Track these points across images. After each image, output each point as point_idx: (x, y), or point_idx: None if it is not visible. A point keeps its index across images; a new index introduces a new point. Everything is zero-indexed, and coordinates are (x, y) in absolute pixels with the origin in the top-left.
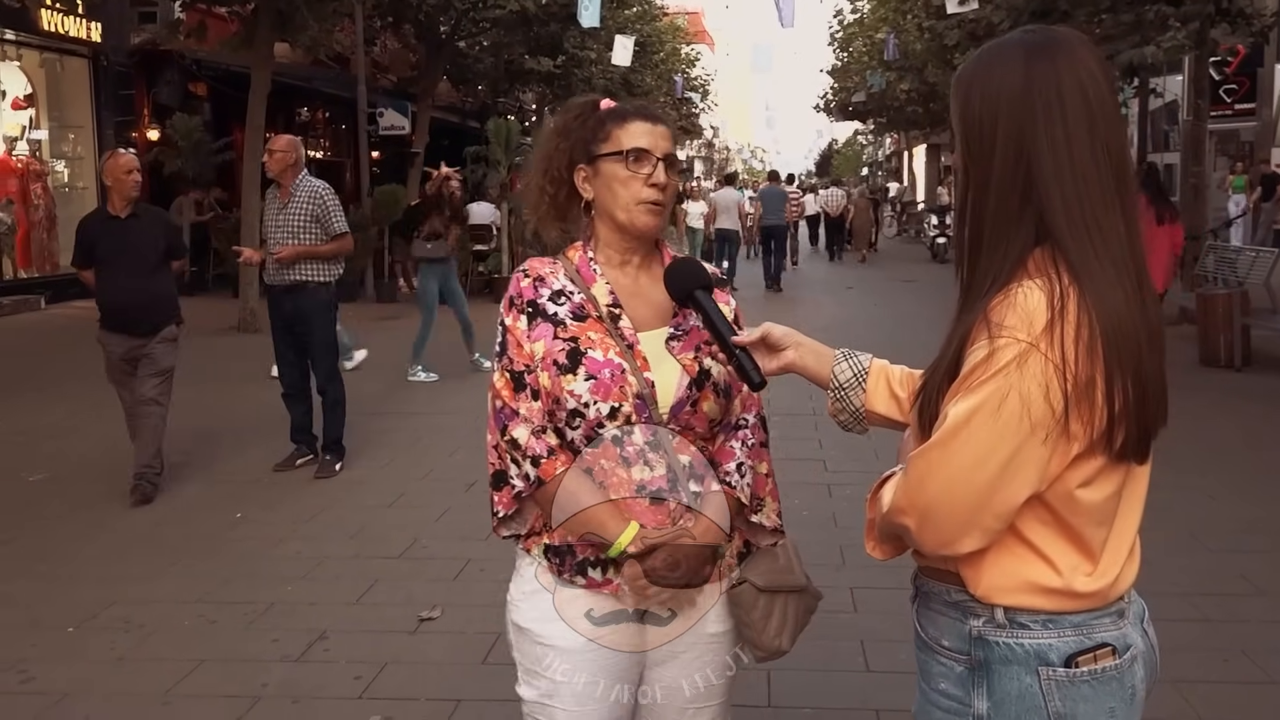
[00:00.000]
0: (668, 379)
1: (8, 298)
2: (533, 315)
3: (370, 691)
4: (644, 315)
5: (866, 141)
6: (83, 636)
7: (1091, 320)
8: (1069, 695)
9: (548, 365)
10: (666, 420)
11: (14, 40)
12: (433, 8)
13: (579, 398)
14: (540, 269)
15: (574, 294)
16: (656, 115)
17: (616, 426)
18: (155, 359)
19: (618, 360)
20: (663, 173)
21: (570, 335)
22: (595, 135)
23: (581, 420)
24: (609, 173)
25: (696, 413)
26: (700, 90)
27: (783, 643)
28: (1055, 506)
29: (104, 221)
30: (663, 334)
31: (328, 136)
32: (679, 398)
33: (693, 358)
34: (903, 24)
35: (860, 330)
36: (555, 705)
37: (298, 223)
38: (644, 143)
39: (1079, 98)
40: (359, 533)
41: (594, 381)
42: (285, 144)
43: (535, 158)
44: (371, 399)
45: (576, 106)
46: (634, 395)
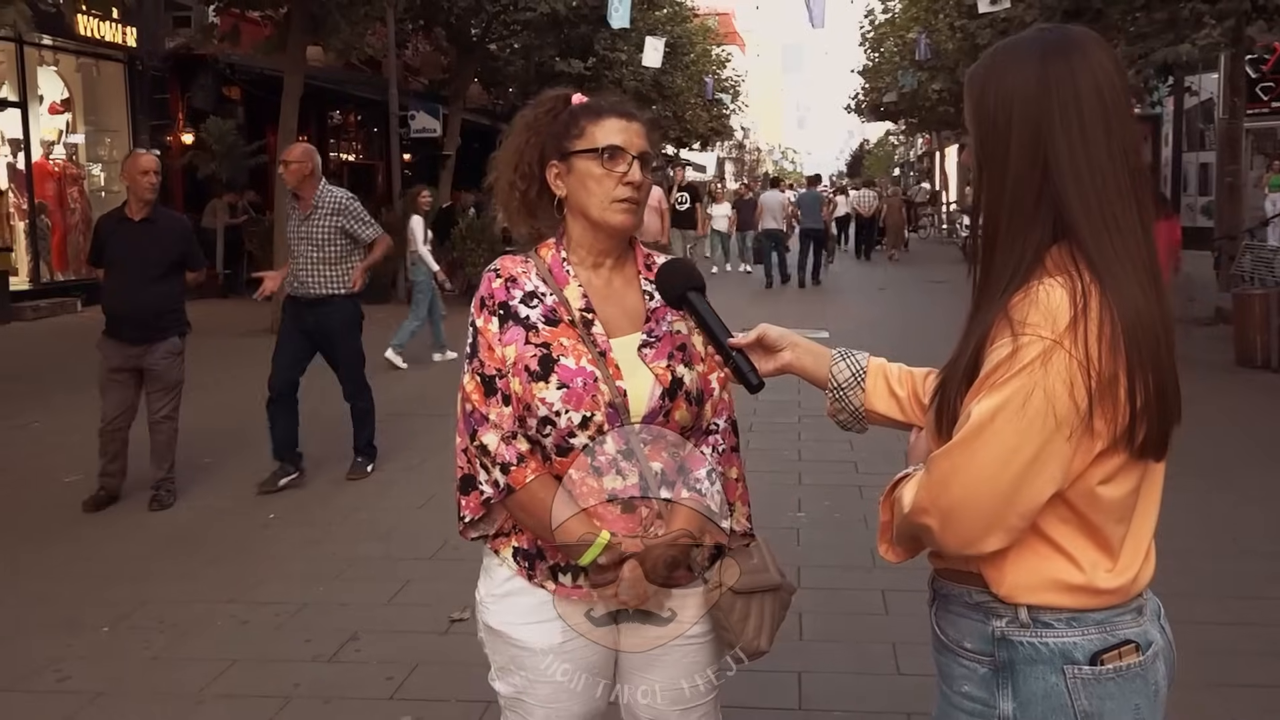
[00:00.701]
0: (640, 388)
1: (45, 300)
2: (504, 318)
3: (401, 692)
4: (616, 319)
5: (898, 142)
6: (117, 636)
7: (1113, 317)
8: (1095, 693)
9: (519, 371)
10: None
11: (51, 45)
12: (464, 10)
13: (550, 406)
14: (512, 269)
15: (546, 296)
16: (631, 112)
17: (588, 436)
18: (160, 375)
19: (590, 369)
20: (637, 170)
21: (542, 341)
22: (568, 131)
23: (552, 428)
24: (583, 170)
25: (669, 421)
26: (731, 91)
27: (761, 643)
28: (1076, 504)
29: (118, 223)
30: (635, 340)
31: (359, 139)
32: (651, 407)
33: (665, 366)
34: (934, 23)
35: (893, 331)
36: (530, 701)
37: (322, 235)
38: (618, 140)
39: (1095, 97)
40: (390, 534)
41: (566, 390)
42: (300, 154)
43: (504, 152)
44: (403, 401)
45: (548, 100)
46: (606, 404)
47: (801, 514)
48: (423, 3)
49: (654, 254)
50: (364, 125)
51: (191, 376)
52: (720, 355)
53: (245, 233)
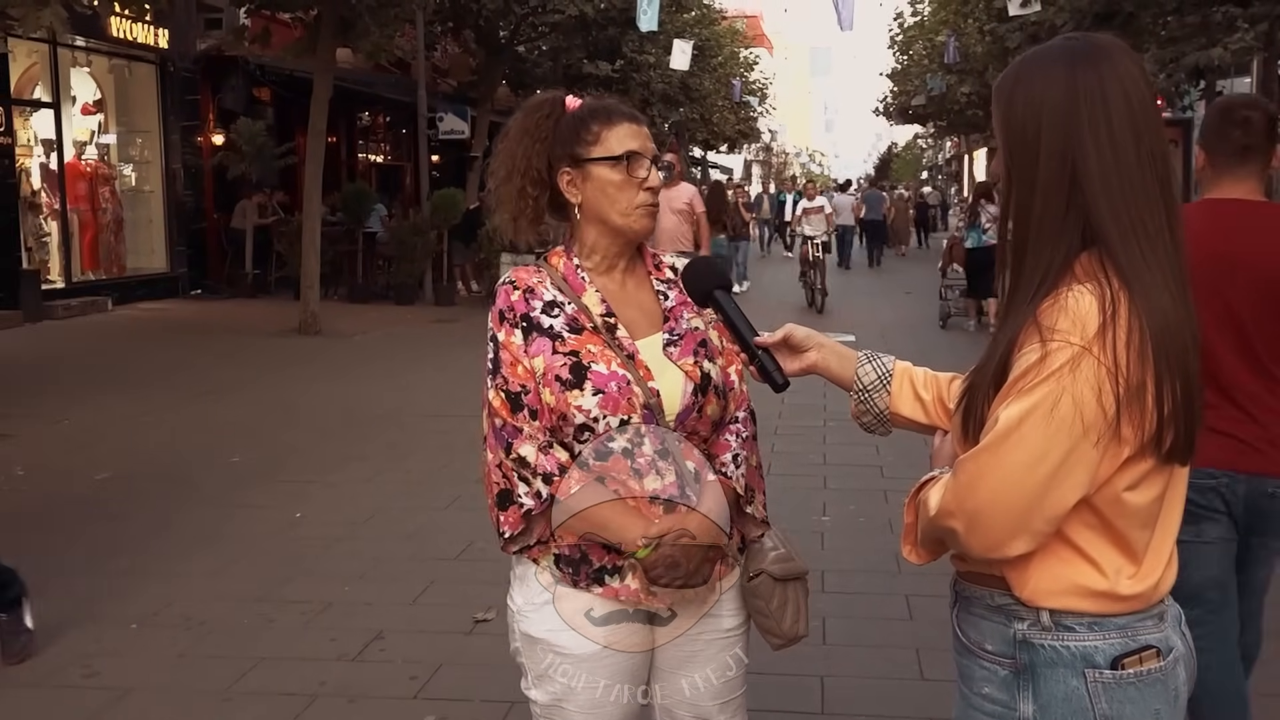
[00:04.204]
0: (671, 386)
1: (75, 299)
2: (528, 330)
3: (425, 692)
4: (636, 321)
5: (926, 145)
6: (145, 633)
7: (1142, 324)
8: (1115, 697)
9: (550, 381)
10: (673, 427)
11: (84, 47)
12: (492, 13)
13: (588, 413)
14: (528, 279)
15: (566, 305)
16: (638, 115)
17: (625, 439)
18: None
19: (622, 372)
20: (657, 175)
21: (570, 349)
22: (579, 136)
23: (591, 435)
24: (602, 177)
25: (702, 417)
26: (759, 94)
27: (800, 628)
28: (1102, 509)
29: None
30: (659, 340)
31: (388, 141)
32: (685, 404)
33: (693, 363)
34: (963, 27)
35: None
36: (569, 708)
37: None
38: (635, 145)
39: (1124, 104)
40: (416, 534)
41: (602, 395)
42: None
43: (504, 160)
44: (430, 402)
45: (544, 105)
46: (641, 406)
47: (826, 518)
48: (452, 5)
49: (659, 253)
50: (392, 127)
51: (220, 376)
52: (746, 354)
53: (274, 233)
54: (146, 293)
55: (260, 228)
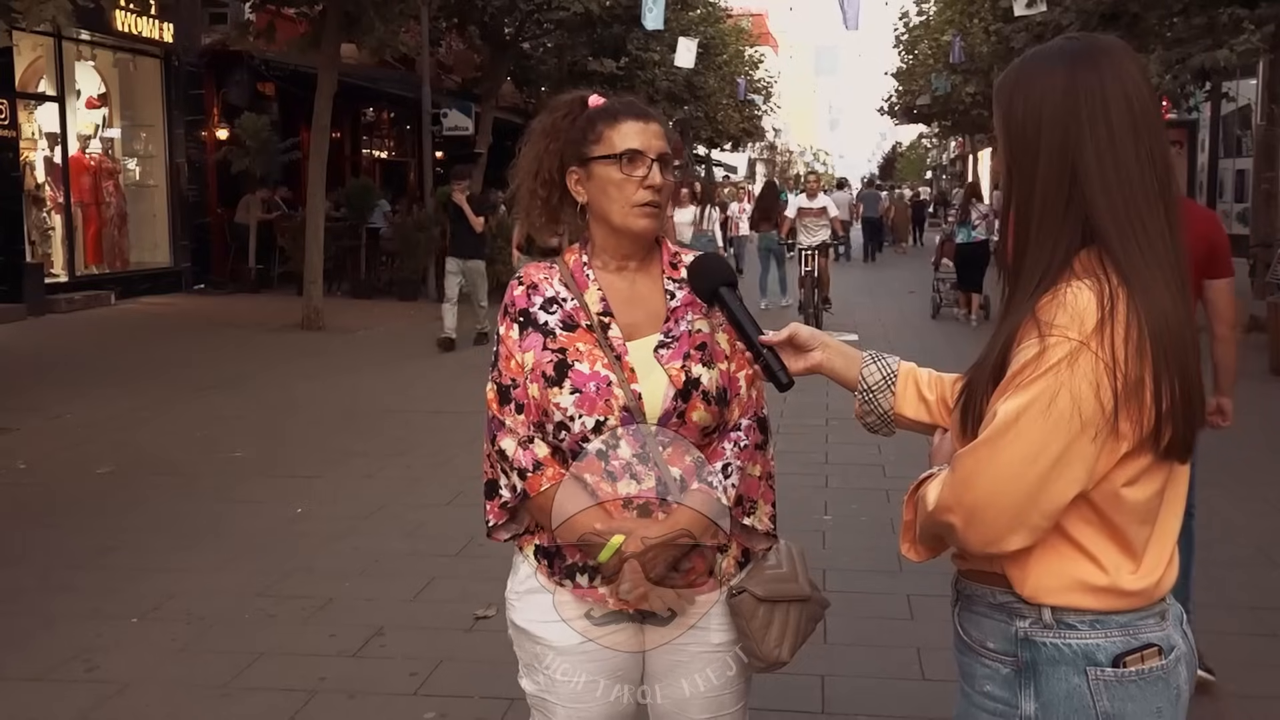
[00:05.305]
0: (655, 390)
1: (79, 293)
2: (524, 325)
3: (425, 688)
4: (639, 322)
5: (931, 145)
6: (145, 627)
7: (1140, 321)
8: (1117, 695)
9: (536, 377)
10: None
11: (89, 40)
12: (498, 9)
13: (565, 411)
14: (535, 275)
15: (566, 301)
16: (648, 113)
17: (601, 440)
18: None
19: (605, 373)
20: (658, 174)
21: (559, 346)
22: (585, 136)
23: (567, 433)
24: (602, 175)
25: (685, 423)
26: (763, 92)
27: (782, 653)
28: (1100, 505)
29: None
30: (653, 342)
31: (392, 137)
32: (665, 409)
33: (680, 366)
34: (969, 27)
35: (924, 334)
36: (553, 700)
37: None
38: (636, 143)
39: (1123, 104)
40: (417, 530)
41: (579, 395)
42: None
43: (523, 160)
44: (432, 398)
45: (564, 105)
46: (621, 408)
47: (828, 517)
48: (457, 1)
49: (681, 251)
50: (397, 123)
51: (222, 371)
52: (750, 352)
53: (278, 228)
54: (150, 287)
55: (264, 223)
